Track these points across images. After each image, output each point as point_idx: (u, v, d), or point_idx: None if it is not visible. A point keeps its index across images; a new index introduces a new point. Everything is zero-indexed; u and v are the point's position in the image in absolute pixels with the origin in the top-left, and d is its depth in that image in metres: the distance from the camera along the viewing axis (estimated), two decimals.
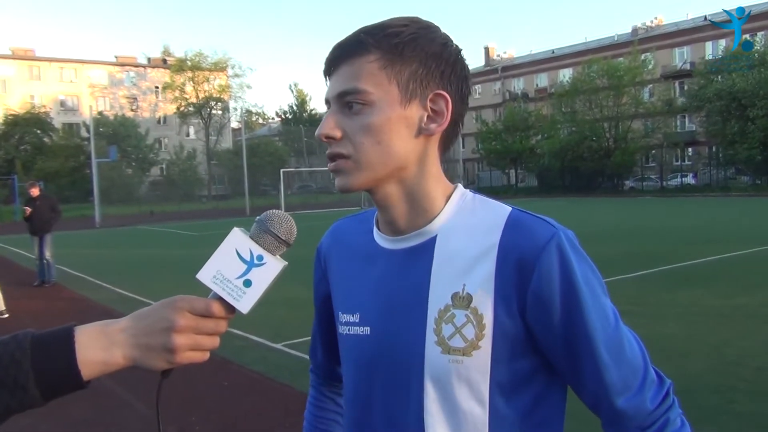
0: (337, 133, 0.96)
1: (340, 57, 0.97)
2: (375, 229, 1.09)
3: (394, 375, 1.00)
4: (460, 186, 1.06)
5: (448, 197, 1.03)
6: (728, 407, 4.41)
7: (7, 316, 8.40)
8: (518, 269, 0.93)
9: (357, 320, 1.05)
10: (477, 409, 0.95)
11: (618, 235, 15.03)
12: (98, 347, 0.85)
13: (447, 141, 1.02)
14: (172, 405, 4.61)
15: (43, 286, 11.13)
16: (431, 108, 0.98)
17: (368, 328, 1.03)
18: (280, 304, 7.64)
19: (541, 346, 0.96)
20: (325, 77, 1.01)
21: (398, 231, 1.03)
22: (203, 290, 0.91)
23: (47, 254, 11.14)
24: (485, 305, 0.94)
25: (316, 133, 0.98)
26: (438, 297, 0.97)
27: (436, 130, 0.98)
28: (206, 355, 0.89)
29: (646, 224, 19.05)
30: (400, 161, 0.97)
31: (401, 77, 0.95)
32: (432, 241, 1.00)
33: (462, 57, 1.01)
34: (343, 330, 1.09)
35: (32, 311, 9.04)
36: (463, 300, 0.95)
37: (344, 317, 1.08)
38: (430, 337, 0.96)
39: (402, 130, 0.96)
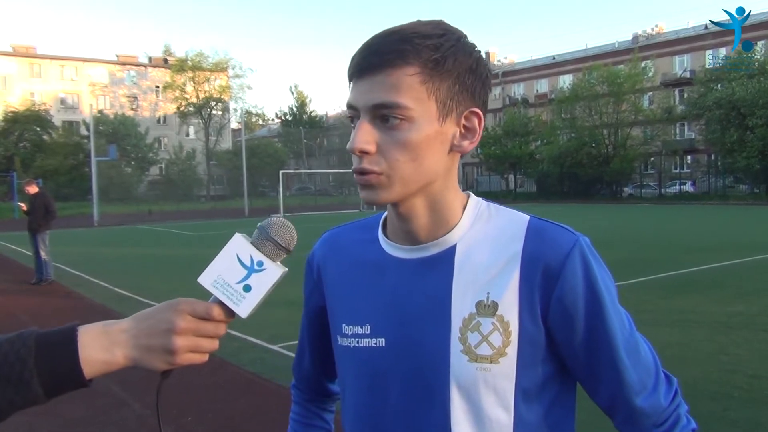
0: (372, 148, 0.92)
1: (377, 65, 0.91)
2: (383, 237, 1.07)
3: (414, 386, 0.98)
4: (472, 195, 1.06)
5: (464, 206, 1.03)
6: (723, 414, 4.42)
7: None
8: (543, 276, 0.94)
9: (368, 332, 1.03)
10: (503, 416, 0.96)
11: (616, 242, 15.04)
12: (100, 347, 0.86)
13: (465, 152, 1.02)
14: (168, 405, 4.61)
15: (40, 284, 11.11)
16: (464, 125, 0.97)
17: (383, 339, 1.01)
18: (278, 306, 7.62)
19: (561, 351, 0.98)
20: (351, 80, 0.95)
21: (415, 241, 1.01)
22: (201, 290, 0.92)
23: (42, 252, 11.12)
24: (511, 312, 0.95)
25: (349, 146, 0.93)
26: (461, 306, 0.96)
27: (468, 148, 0.98)
28: (205, 357, 0.91)
29: (645, 231, 19.08)
30: (431, 177, 0.96)
31: (440, 93, 0.93)
32: (451, 251, 0.99)
33: (490, 70, 1.00)
34: (348, 342, 1.05)
35: (29, 309, 9.03)
36: (488, 308, 0.95)
37: (350, 329, 1.05)
38: (456, 346, 0.96)
39: (437, 147, 0.94)
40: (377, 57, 0.91)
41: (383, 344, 1.01)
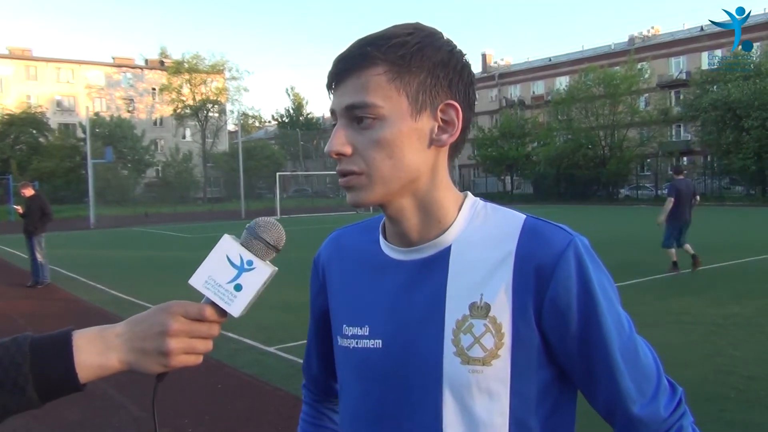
0: (348, 150, 0.94)
1: (346, 70, 0.94)
2: (382, 239, 1.06)
3: (409, 388, 0.97)
4: (470, 194, 1.05)
5: (460, 206, 1.02)
6: (719, 416, 4.42)
7: None
8: (536, 277, 0.93)
9: (366, 333, 1.02)
10: (497, 420, 0.94)
11: (612, 244, 15.05)
12: (95, 351, 0.87)
13: (455, 149, 1.01)
14: (165, 407, 4.61)
15: (36, 287, 11.08)
16: (442, 119, 0.96)
17: (380, 341, 1.00)
18: (274, 308, 7.65)
19: (557, 355, 0.96)
20: (329, 90, 0.98)
21: (409, 242, 1.01)
22: (197, 293, 0.93)
23: (38, 255, 11.09)
24: (503, 314, 0.93)
25: (326, 149, 0.95)
26: (455, 308, 0.95)
27: (448, 141, 0.97)
28: (200, 359, 0.91)
29: (641, 233, 19.10)
30: (412, 174, 0.96)
31: (410, 89, 0.93)
32: (446, 252, 0.98)
33: (468, 63, 1.00)
34: (347, 343, 1.05)
35: (25, 312, 9.00)
36: (481, 309, 0.94)
37: (350, 330, 1.05)
38: (449, 348, 0.94)
39: (414, 143, 0.94)
40: (346, 63, 0.95)
41: (380, 346, 1.00)
